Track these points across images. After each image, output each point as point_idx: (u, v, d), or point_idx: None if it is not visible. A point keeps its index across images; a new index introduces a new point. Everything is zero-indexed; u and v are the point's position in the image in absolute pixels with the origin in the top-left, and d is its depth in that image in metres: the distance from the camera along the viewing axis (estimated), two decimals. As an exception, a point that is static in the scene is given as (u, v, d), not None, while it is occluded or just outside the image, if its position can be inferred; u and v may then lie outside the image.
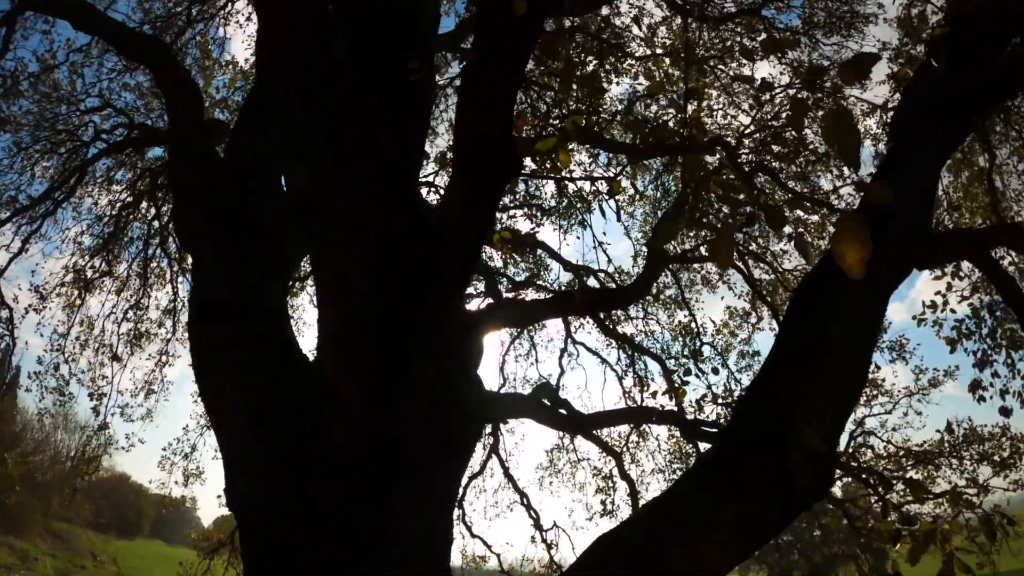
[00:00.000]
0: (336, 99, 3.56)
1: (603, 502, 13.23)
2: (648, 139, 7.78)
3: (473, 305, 10.37)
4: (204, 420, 14.23)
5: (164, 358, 13.88)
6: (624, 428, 13.03)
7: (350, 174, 3.50)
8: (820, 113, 12.15)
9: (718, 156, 11.15)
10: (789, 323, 3.42)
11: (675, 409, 7.82)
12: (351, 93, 3.57)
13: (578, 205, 11.81)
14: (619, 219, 11.24)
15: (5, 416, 37.80)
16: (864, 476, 10.84)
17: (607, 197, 11.14)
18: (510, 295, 10.91)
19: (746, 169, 9.21)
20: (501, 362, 13.89)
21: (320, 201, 3.54)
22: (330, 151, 3.54)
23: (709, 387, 10.92)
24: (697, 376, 4.70)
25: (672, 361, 13.38)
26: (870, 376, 11.60)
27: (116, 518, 54.06)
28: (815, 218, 11.76)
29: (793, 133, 11.44)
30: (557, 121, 10.38)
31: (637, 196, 14.14)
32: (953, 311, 6.79)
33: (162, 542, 56.49)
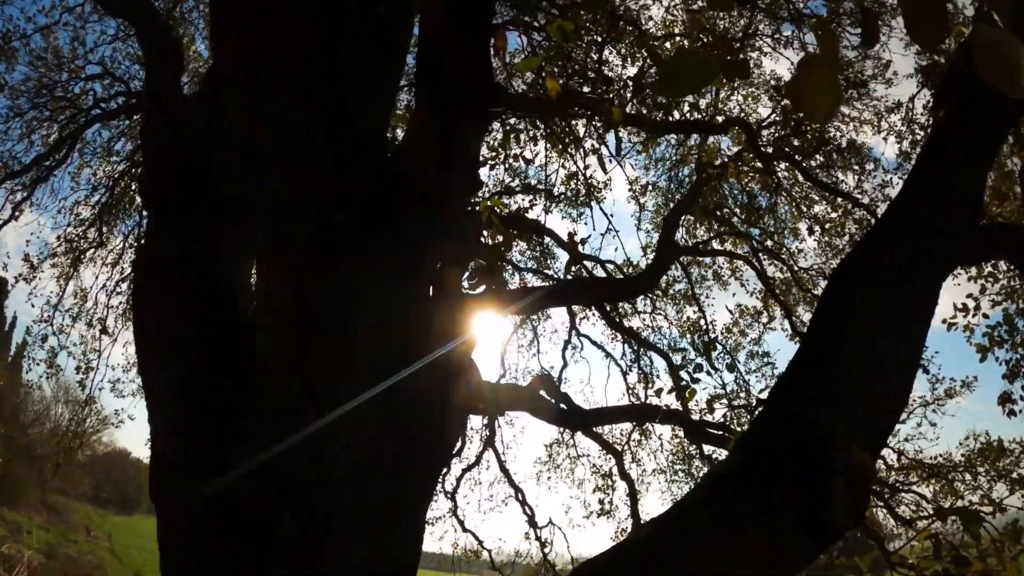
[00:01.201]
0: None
1: (601, 501, 12.83)
2: (668, 111, 7.28)
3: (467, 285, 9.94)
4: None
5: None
6: (626, 425, 12.61)
7: (293, 107, 3.01)
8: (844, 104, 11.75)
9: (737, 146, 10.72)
10: (813, 318, 2.98)
11: (680, 408, 7.39)
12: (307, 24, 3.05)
13: (570, 147, 11.10)
14: (619, 153, 10.53)
15: (4, 389, 37.70)
16: (887, 495, 10.32)
17: (604, 131, 10.31)
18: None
19: (766, 152, 8.72)
20: (502, 351, 13.50)
21: (258, 138, 3.06)
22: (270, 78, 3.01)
23: (723, 386, 10.43)
24: (709, 373, 4.34)
25: (681, 356, 12.97)
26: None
27: (116, 493, 54.08)
28: (835, 214, 11.27)
29: (815, 127, 10.99)
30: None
31: (650, 187, 13.75)
32: (986, 316, 6.32)
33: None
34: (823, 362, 2.57)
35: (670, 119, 8.69)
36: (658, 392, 4.50)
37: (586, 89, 9.01)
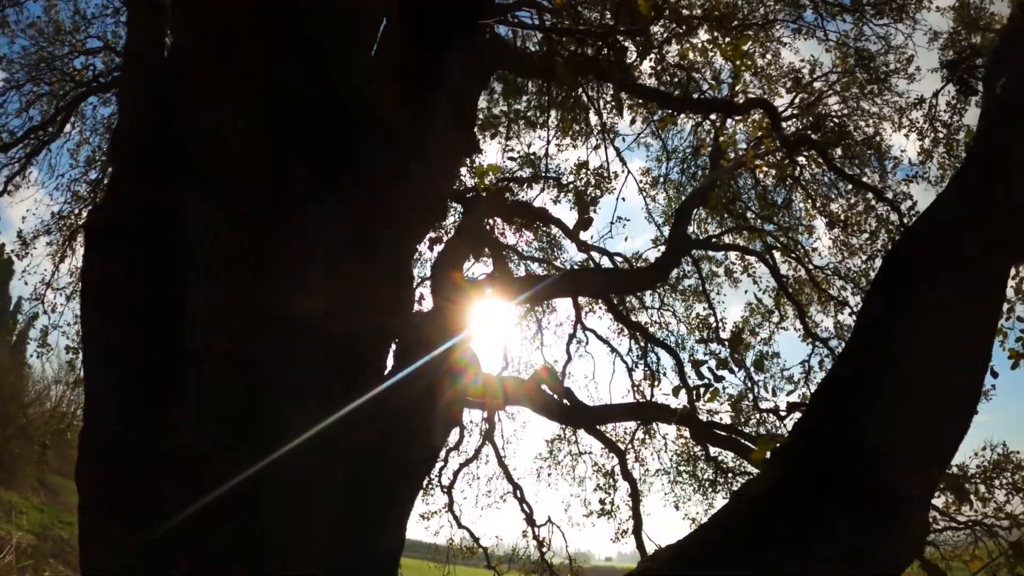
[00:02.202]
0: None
1: (602, 501, 12.46)
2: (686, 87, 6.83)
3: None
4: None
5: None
6: (630, 424, 12.23)
7: (242, 31, 2.58)
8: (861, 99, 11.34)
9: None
10: (860, 317, 2.56)
11: (686, 407, 7.00)
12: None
13: (578, 115, 10.61)
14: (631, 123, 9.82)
15: (4, 368, 37.47)
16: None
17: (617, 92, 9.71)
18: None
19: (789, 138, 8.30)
20: (505, 343, 13.13)
21: (201, 64, 2.64)
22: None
23: (753, 384, 9.94)
24: (732, 371, 3.96)
25: (702, 351, 12.58)
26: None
27: None
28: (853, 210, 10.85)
29: (835, 120, 10.58)
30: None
31: (662, 179, 13.36)
32: (1020, 319, 5.91)
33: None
34: (875, 367, 2.17)
35: (690, 96, 8.25)
36: (676, 391, 4.14)
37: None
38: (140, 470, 2.53)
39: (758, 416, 10.51)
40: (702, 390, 3.91)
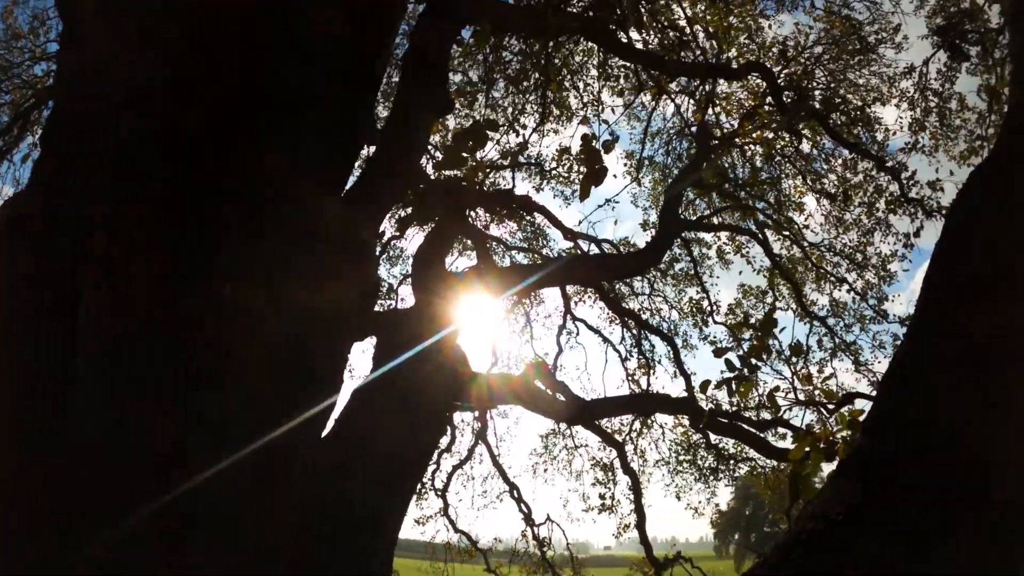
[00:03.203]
0: None
1: (602, 496, 12.08)
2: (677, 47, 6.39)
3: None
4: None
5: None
6: (627, 415, 11.84)
7: None
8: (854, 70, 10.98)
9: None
10: (928, 289, 2.07)
11: (712, 409, 6.54)
12: None
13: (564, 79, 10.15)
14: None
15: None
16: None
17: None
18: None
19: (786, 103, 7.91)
20: (493, 338, 12.73)
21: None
22: None
23: (795, 371, 9.39)
24: (763, 360, 3.49)
25: (697, 335, 12.22)
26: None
27: None
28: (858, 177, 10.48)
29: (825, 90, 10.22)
30: None
31: (647, 162, 12.99)
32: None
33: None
34: (969, 349, 1.73)
35: (684, 59, 7.82)
36: (703, 386, 3.71)
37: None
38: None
39: (792, 411, 10.10)
40: (733, 384, 3.51)
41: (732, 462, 11.71)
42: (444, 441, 11.72)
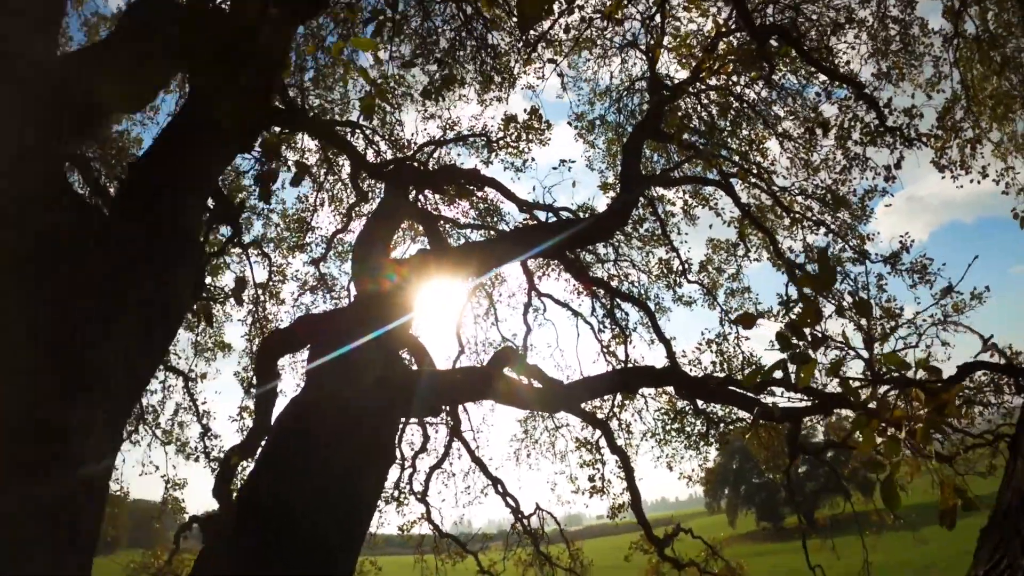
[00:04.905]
0: None
1: (591, 478, 11.41)
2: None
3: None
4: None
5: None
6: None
7: None
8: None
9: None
10: None
11: (775, 404, 5.80)
12: None
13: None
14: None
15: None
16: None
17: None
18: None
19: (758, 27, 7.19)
20: (457, 324, 11.94)
21: None
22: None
23: (871, 339, 8.24)
24: (821, 335, 2.81)
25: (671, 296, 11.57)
26: (887, 306, 9.76)
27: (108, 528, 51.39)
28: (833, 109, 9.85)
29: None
30: None
31: (599, 121, 12.26)
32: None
33: (144, 550, 53.95)
34: None
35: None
36: (753, 377, 2.94)
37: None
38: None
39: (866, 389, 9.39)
40: (791, 367, 2.79)
41: (722, 425, 11.13)
42: (418, 442, 10.99)
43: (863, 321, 7.90)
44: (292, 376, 11.97)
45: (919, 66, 10.18)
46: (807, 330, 2.67)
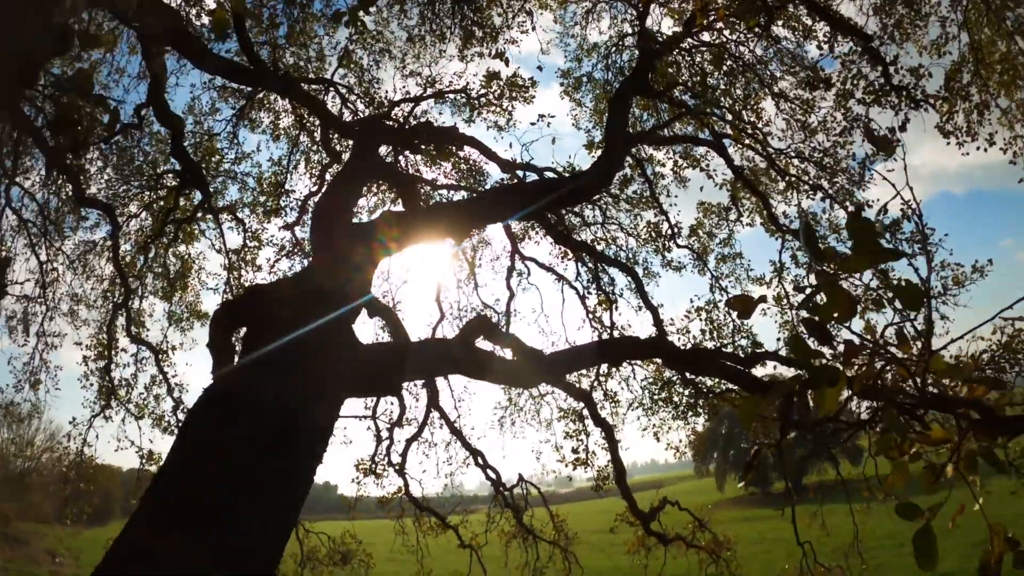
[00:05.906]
0: None
1: (575, 450, 11.04)
2: None
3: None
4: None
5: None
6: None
7: None
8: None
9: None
10: None
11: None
12: None
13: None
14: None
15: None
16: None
17: None
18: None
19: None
20: (437, 290, 11.48)
21: None
22: None
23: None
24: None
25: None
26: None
27: (87, 504, 51.25)
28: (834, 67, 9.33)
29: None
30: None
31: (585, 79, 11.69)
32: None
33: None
34: None
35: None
36: (780, 390, 2.40)
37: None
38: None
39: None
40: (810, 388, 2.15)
41: (711, 395, 10.75)
42: (395, 413, 10.57)
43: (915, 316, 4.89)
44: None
45: (924, 27, 9.65)
46: (832, 327, 1.91)
